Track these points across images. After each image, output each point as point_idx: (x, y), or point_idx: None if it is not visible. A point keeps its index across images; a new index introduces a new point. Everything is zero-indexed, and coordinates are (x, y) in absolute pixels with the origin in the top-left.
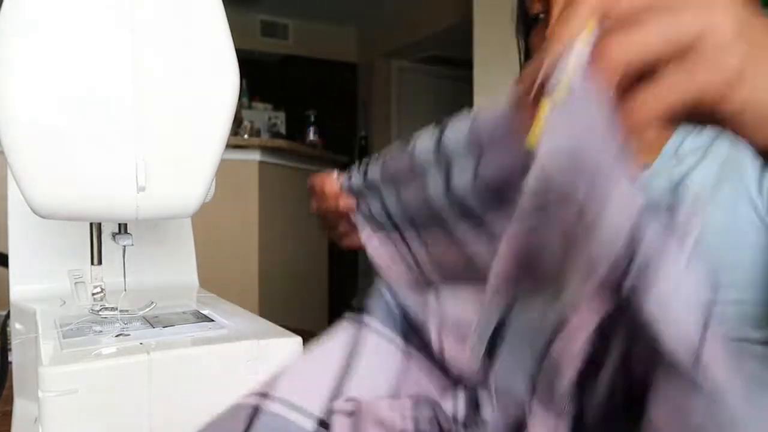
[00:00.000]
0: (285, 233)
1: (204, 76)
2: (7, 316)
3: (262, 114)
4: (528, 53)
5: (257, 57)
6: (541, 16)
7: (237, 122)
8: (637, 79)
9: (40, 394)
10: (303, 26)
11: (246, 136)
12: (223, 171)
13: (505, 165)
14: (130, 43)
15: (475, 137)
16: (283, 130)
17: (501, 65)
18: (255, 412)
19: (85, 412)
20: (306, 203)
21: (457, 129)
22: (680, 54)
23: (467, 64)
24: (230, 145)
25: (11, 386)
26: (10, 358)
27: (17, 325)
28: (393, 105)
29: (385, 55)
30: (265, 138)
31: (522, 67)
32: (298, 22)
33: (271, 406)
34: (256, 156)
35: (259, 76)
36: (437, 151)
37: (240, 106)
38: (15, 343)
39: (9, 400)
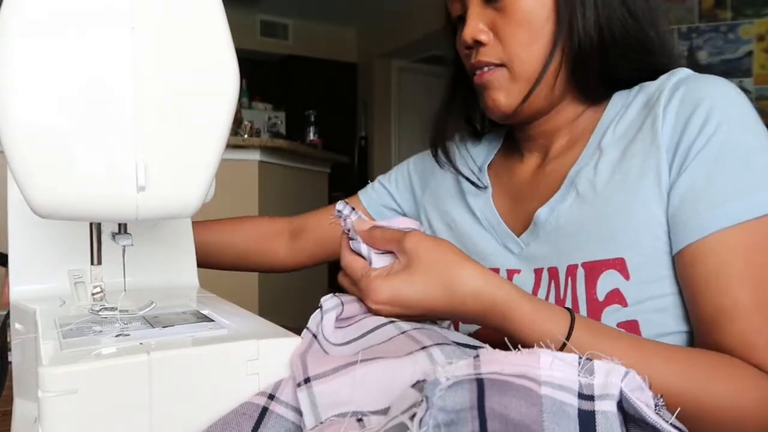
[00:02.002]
0: None
1: (204, 76)
2: (7, 316)
3: (262, 114)
4: (456, 50)
5: (257, 57)
6: (463, 16)
7: (237, 122)
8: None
9: (39, 394)
10: (303, 26)
11: (246, 136)
12: (223, 171)
13: None
14: (130, 43)
15: None
16: (283, 130)
17: None
18: (263, 412)
19: (85, 412)
20: (306, 203)
21: None
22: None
23: None
24: (230, 145)
25: (11, 386)
26: (10, 358)
27: (17, 325)
28: (393, 105)
29: (385, 55)
30: (265, 138)
31: (453, 63)
32: (298, 22)
33: (277, 408)
34: (256, 156)
35: (259, 76)
36: None
37: (240, 106)
38: (15, 343)
39: (9, 400)
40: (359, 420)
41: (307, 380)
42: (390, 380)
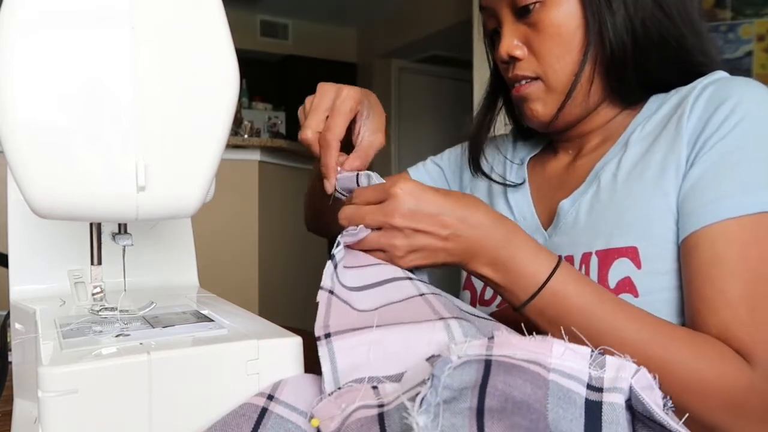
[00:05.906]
0: (285, 233)
1: (204, 76)
2: (7, 316)
3: (262, 114)
4: (495, 61)
5: (257, 57)
6: (498, 29)
7: (237, 122)
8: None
9: (39, 394)
10: (303, 26)
11: (246, 136)
12: (223, 171)
13: None
14: (129, 43)
15: None
16: (283, 130)
17: None
18: (263, 412)
19: (85, 412)
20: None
21: None
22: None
23: (467, 64)
24: (230, 145)
25: (11, 386)
26: (10, 358)
27: (17, 325)
28: (393, 105)
29: (385, 55)
30: (265, 138)
31: (492, 73)
32: (298, 22)
33: (277, 408)
34: (256, 156)
35: (259, 76)
36: None
37: (240, 106)
38: (15, 343)
39: (9, 400)
40: (374, 387)
41: (327, 335)
42: (406, 346)
